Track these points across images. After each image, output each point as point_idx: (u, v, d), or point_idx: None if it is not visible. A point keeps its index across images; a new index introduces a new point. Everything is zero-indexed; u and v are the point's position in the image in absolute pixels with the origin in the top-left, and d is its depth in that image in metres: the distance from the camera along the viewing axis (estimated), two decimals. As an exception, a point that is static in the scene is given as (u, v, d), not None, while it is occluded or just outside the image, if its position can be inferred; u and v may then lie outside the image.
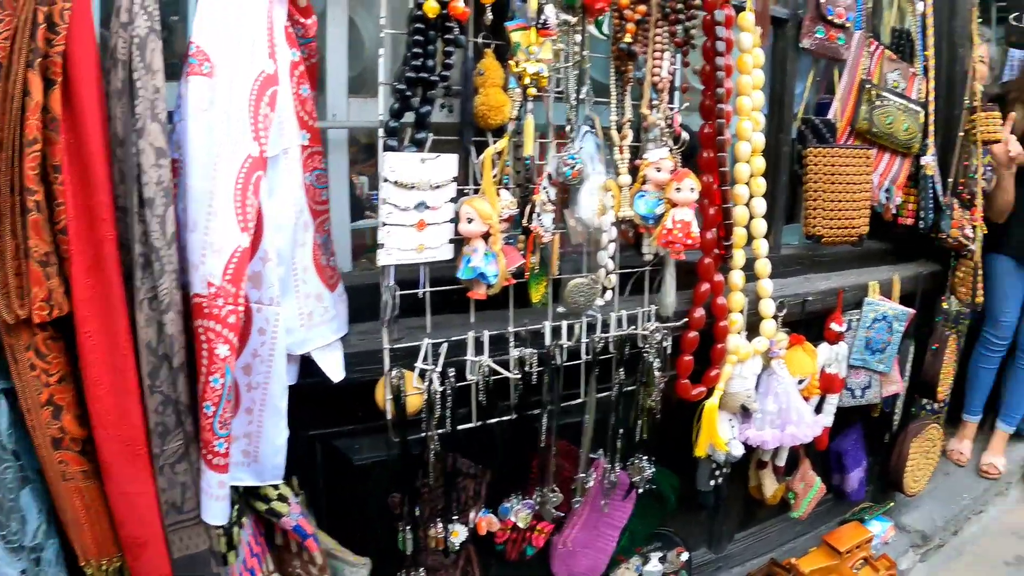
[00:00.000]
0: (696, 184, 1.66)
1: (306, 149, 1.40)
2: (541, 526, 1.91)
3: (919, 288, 2.80)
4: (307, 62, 1.40)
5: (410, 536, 1.64)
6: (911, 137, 2.47)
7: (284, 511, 1.46)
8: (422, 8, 1.37)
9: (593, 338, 1.70)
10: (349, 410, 1.62)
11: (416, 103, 1.43)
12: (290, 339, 1.38)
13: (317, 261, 1.45)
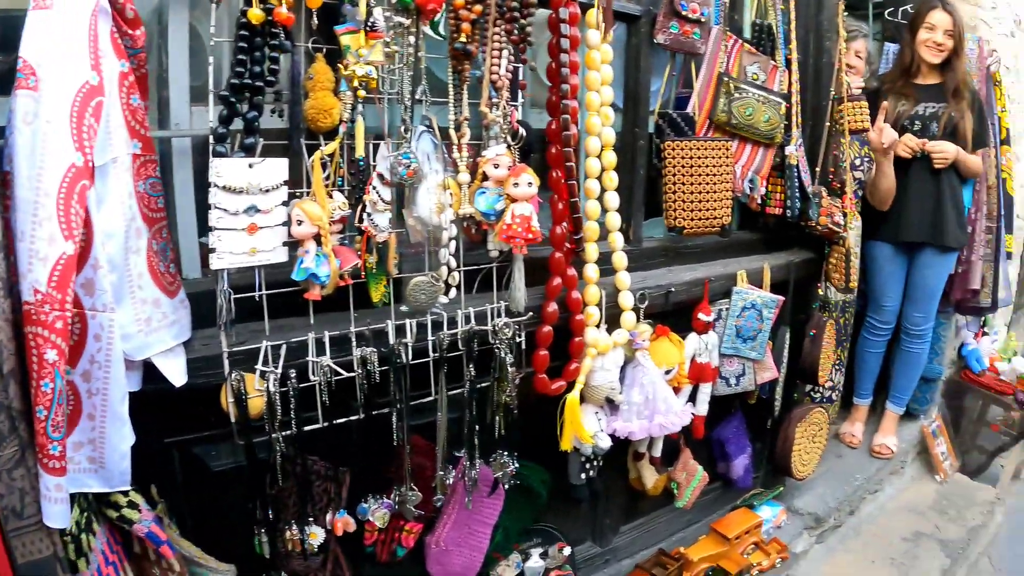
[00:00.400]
0: (534, 179, 1.70)
1: (138, 158, 1.41)
2: (409, 526, 1.93)
3: (791, 276, 2.89)
4: (137, 72, 1.41)
5: (266, 540, 1.66)
6: (773, 128, 2.55)
7: (135, 518, 1.46)
8: (247, 15, 1.40)
9: (439, 335, 1.72)
10: (202, 416, 1.62)
11: (244, 109, 1.46)
12: (128, 345, 1.39)
13: (153, 267, 1.46)
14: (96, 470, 1.38)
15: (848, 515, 3.69)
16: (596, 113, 1.97)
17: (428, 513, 1.97)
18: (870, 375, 3.99)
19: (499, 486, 2.04)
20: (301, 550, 1.71)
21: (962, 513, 3.99)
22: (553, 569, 2.35)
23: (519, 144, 1.76)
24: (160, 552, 1.51)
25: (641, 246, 2.42)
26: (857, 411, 4.08)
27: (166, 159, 1.62)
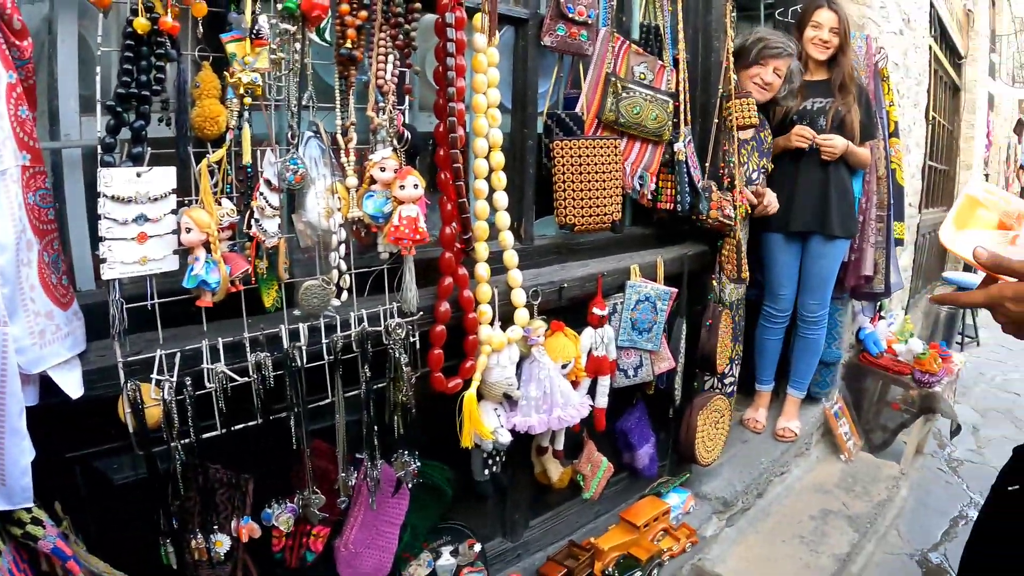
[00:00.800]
0: (420, 181, 1.77)
1: (28, 170, 1.42)
2: (316, 530, 1.97)
3: (685, 269, 3.02)
4: (25, 83, 1.42)
5: (171, 550, 1.68)
6: (661, 125, 2.67)
7: (40, 534, 1.47)
8: (133, 25, 1.42)
9: (333, 338, 1.77)
10: (102, 429, 1.63)
11: (131, 118, 1.48)
12: (23, 358, 1.39)
13: (45, 280, 1.46)
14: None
15: (756, 498, 3.85)
16: (483, 115, 2.05)
17: (334, 516, 2.00)
18: (770, 361, 4.18)
19: (402, 485, 2.08)
20: (208, 559, 1.72)
21: (868, 489, 4.20)
22: (465, 566, 2.41)
23: (405, 147, 1.82)
24: (67, 568, 1.52)
25: (533, 244, 2.50)
26: (760, 397, 4.27)
27: (57, 170, 1.63)
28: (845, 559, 3.55)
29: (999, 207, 1.52)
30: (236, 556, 1.83)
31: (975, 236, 1.46)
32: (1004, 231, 1.48)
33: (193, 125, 1.55)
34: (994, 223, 1.52)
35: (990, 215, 1.53)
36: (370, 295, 1.94)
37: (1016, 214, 1.50)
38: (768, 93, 3.48)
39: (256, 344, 1.69)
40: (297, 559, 1.98)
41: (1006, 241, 1.46)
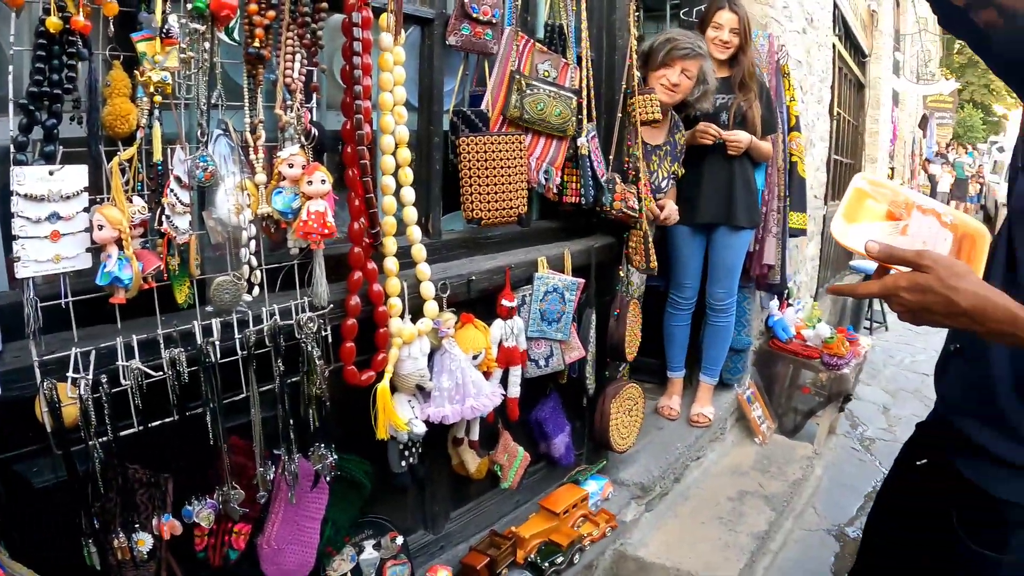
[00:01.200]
0: (327, 176, 1.84)
1: None
2: (238, 527, 2.01)
3: (593, 260, 3.14)
4: None
5: (94, 550, 1.70)
6: (565, 121, 2.78)
7: None
8: (45, 24, 1.46)
9: (246, 333, 1.82)
10: (20, 431, 1.65)
11: (43, 117, 1.51)
12: None
13: None
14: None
15: (674, 482, 4.00)
16: (389, 113, 2.13)
17: (255, 513, 2.05)
18: (680, 349, 4.35)
19: (320, 479, 2.14)
20: (131, 558, 1.76)
21: (783, 470, 4.39)
22: (388, 559, 2.46)
23: (312, 144, 1.88)
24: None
25: (442, 238, 2.58)
26: (672, 384, 4.43)
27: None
28: (764, 536, 3.73)
29: (887, 197, 1.58)
30: (159, 556, 1.85)
31: (866, 229, 1.50)
32: (894, 221, 1.53)
33: (104, 124, 1.59)
34: (883, 214, 1.57)
35: (879, 206, 1.58)
36: (281, 290, 2.00)
37: (904, 203, 1.57)
38: (675, 95, 3.62)
39: (170, 341, 1.73)
40: (220, 557, 2.01)
41: (896, 231, 1.52)
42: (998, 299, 1.29)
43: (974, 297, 1.28)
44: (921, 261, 1.31)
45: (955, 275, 1.29)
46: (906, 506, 1.86)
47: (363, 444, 2.29)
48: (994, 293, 1.30)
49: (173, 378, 1.72)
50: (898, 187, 1.61)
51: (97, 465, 1.64)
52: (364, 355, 2.17)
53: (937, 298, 1.29)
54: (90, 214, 1.57)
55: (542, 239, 3.04)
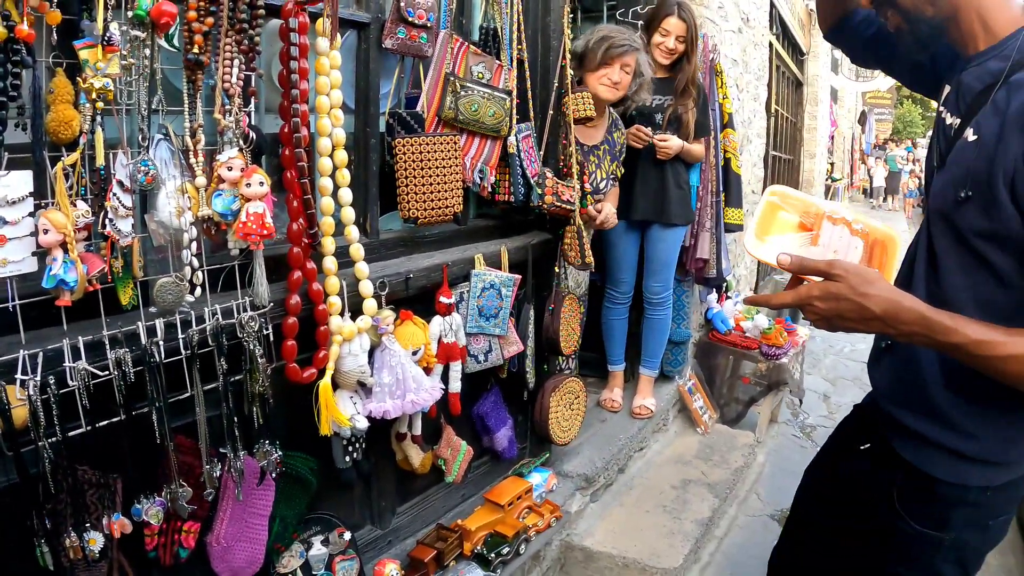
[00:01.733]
0: (264, 178, 1.91)
1: None
2: (188, 526, 2.07)
3: (530, 256, 3.24)
4: None
5: (47, 550, 1.74)
6: (499, 121, 2.89)
7: None
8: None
9: (189, 333, 1.89)
10: None
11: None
12: None
13: None
14: None
15: (618, 473, 4.12)
16: (326, 115, 2.20)
17: (204, 512, 2.11)
18: (619, 342, 4.49)
19: (266, 475, 2.21)
20: (83, 557, 1.80)
21: (725, 458, 4.55)
22: (337, 555, 2.53)
23: (250, 147, 1.95)
24: None
25: (380, 238, 2.65)
26: (614, 377, 4.56)
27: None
28: (708, 523, 3.88)
29: (798, 208, 1.65)
30: (111, 556, 1.91)
31: (778, 241, 1.58)
32: (805, 232, 1.60)
33: (48, 130, 1.63)
34: (795, 225, 1.64)
35: (791, 217, 1.65)
36: (223, 291, 2.06)
37: (815, 213, 1.64)
38: (618, 92, 3.72)
39: (116, 342, 1.79)
40: (171, 556, 2.07)
41: (807, 242, 1.58)
42: (908, 303, 1.39)
43: (885, 302, 1.37)
44: (832, 271, 1.39)
45: (866, 282, 1.38)
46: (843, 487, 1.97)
47: (308, 441, 2.36)
48: (904, 297, 1.40)
49: (119, 378, 1.79)
50: (809, 198, 1.68)
51: (47, 466, 1.70)
52: (306, 353, 2.25)
53: (850, 305, 1.38)
54: (35, 219, 1.62)
55: (480, 237, 3.14)
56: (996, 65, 1.56)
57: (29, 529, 1.75)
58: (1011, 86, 1.50)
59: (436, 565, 2.87)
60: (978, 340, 1.39)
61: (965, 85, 1.63)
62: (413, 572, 2.80)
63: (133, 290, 1.84)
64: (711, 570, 3.83)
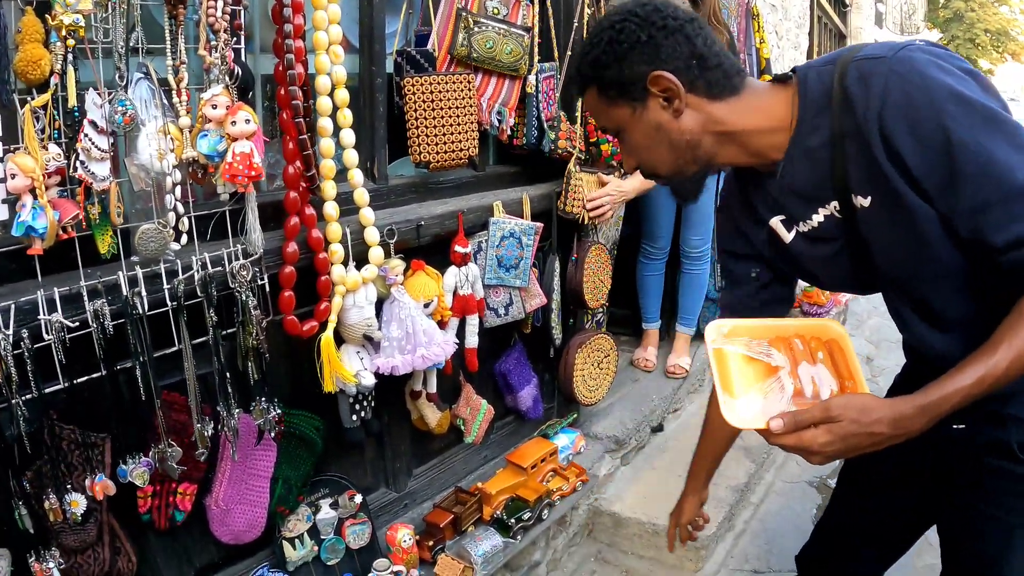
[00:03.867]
0: (251, 116, 1.82)
1: None
2: (183, 488, 2.04)
3: (554, 204, 3.14)
4: None
5: (25, 511, 1.71)
6: (516, 59, 2.77)
7: None
8: None
9: (175, 283, 1.82)
10: None
11: None
12: None
13: None
14: None
15: (651, 435, 4.02)
16: (325, 52, 2.11)
17: (198, 473, 2.07)
18: (654, 299, 4.38)
19: (264, 435, 2.16)
20: (64, 519, 1.77)
21: (764, 420, 4.40)
22: (347, 518, 2.49)
23: (236, 84, 1.87)
24: None
25: (389, 183, 2.57)
26: (648, 336, 4.46)
27: None
28: (743, 489, 3.78)
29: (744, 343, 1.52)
30: (99, 519, 1.87)
31: (752, 402, 1.46)
32: (773, 377, 1.48)
33: (16, 70, 1.58)
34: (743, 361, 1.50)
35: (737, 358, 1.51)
36: (213, 239, 1.99)
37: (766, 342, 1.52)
38: None
39: (95, 293, 1.73)
40: (166, 519, 2.04)
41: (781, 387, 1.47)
42: (906, 408, 1.36)
43: (891, 421, 1.34)
44: (830, 414, 1.35)
45: (865, 411, 1.35)
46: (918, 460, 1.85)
47: (313, 400, 2.31)
48: (902, 404, 1.36)
49: (98, 332, 1.73)
50: (744, 323, 1.56)
51: (22, 425, 1.65)
52: (308, 306, 2.18)
53: (860, 439, 1.35)
54: (3, 163, 1.57)
55: (500, 184, 3.04)
56: (821, 129, 1.47)
57: (6, 490, 1.71)
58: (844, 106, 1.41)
59: (453, 530, 2.81)
60: (977, 379, 1.35)
61: (801, 183, 1.54)
62: (428, 537, 2.73)
63: (112, 238, 1.78)
64: (746, 537, 3.73)
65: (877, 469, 1.98)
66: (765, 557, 3.56)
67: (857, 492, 2.07)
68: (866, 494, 2.03)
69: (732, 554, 3.59)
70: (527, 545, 3.00)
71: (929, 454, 1.80)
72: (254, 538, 2.28)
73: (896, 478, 1.93)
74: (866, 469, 2.02)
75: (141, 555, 2.02)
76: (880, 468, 1.96)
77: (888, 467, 1.92)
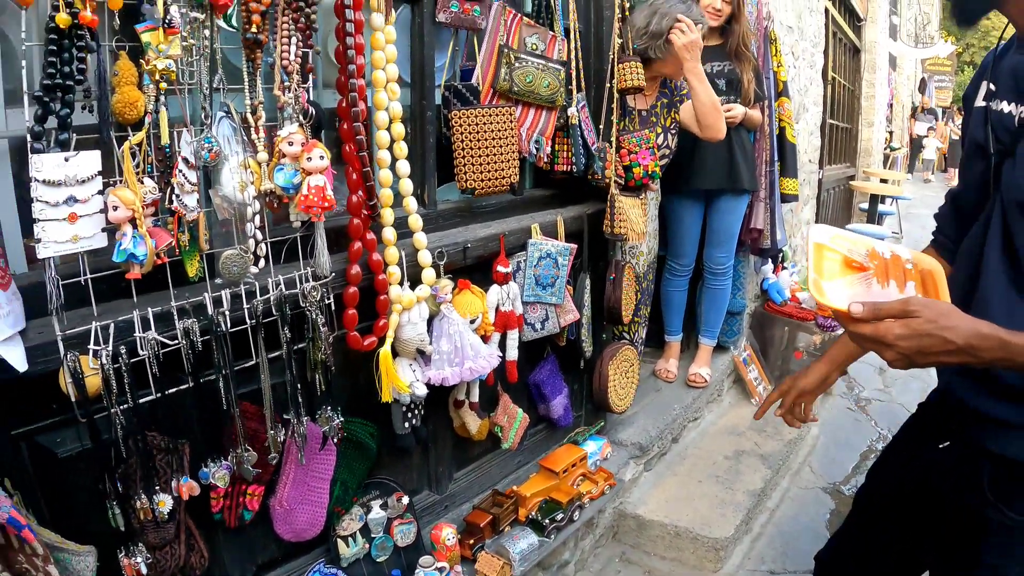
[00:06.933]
0: (325, 152, 1.95)
1: None
2: (252, 489, 2.14)
3: (586, 226, 3.26)
4: None
5: (118, 511, 1.82)
6: (553, 92, 2.89)
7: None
8: (55, 20, 1.55)
9: (254, 303, 1.94)
10: (45, 404, 1.76)
11: (56, 107, 1.61)
12: None
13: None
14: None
15: (672, 442, 4.14)
16: (383, 89, 2.24)
17: (267, 475, 2.18)
18: (677, 313, 4.48)
19: (328, 441, 2.27)
20: (153, 518, 1.88)
21: (779, 430, 4.50)
22: (395, 518, 2.60)
23: (310, 122, 1.99)
24: (23, 536, 1.61)
25: (437, 208, 2.69)
26: (670, 348, 4.56)
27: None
28: (760, 494, 3.88)
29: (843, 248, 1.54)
30: (178, 518, 1.98)
31: (840, 286, 1.47)
32: (861, 271, 1.50)
33: (114, 111, 1.69)
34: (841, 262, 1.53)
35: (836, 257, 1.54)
36: (286, 262, 2.11)
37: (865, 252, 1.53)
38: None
39: (183, 312, 1.85)
40: (235, 518, 2.15)
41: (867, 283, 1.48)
42: (988, 330, 1.36)
43: (967, 332, 1.34)
44: (909, 308, 1.36)
45: (944, 315, 1.36)
46: (920, 487, 1.90)
47: (368, 408, 2.43)
48: (983, 324, 1.37)
49: (187, 347, 1.85)
50: (854, 235, 1.59)
51: (119, 431, 1.77)
52: (367, 322, 2.30)
53: (933, 340, 1.35)
54: (104, 196, 1.68)
55: (536, 207, 3.16)
56: None
57: (99, 493, 1.82)
58: None
59: (491, 530, 2.93)
60: None
61: (1021, 69, 1.56)
62: (469, 536, 2.85)
63: (199, 263, 1.90)
64: (762, 541, 3.83)
65: (883, 491, 2.07)
66: (781, 559, 3.66)
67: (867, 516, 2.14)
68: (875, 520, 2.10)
69: (749, 556, 3.69)
70: (558, 545, 3.09)
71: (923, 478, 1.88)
72: (314, 536, 2.39)
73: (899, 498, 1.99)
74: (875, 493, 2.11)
75: (210, 552, 2.11)
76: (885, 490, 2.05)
77: (893, 487, 2.01)
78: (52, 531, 1.73)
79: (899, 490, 1.98)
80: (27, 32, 1.61)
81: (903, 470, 1.99)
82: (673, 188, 4.15)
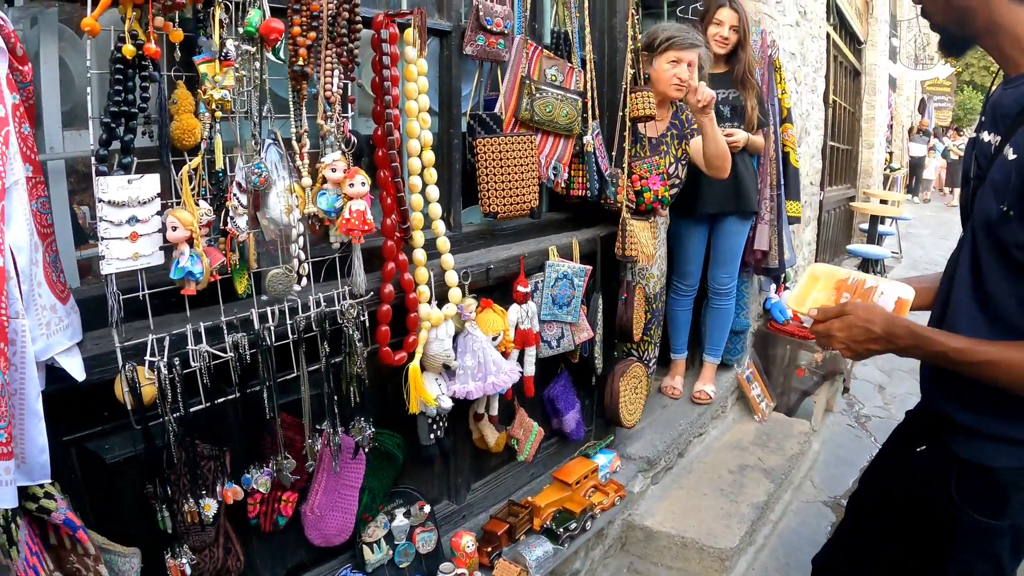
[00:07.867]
0: (366, 179, 2.07)
1: (30, 180, 1.62)
2: (286, 496, 2.24)
3: (599, 248, 3.40)
4: (26, 103, 1.63)
5: (167, 514, 1.91)
6: (571, 121, 3.02)
7: (52, 507, 1.64)
8: (121, 51, 1.66)
9: (296, 319, 2.06)
10: (96, 412, 1.85)
11: (120, 132, 1.71)
12: (35, 347, 1.59)
13: (48, 277, 1.67)
14: (19, 466, 1.54)
15: (678, 457, 4.23)
16: (415, 119, 2.36)
17: (302, 482, 2.28)
18: (682, 332, 4.59)
19: (359, 450, 2.38)
20: (198, 521, 1.98)
21: (781, 445, 4.61)
22: (417, 526, 2.71)
23: (351, 150, 2.11)
24: (77, 537, 1.70)
25: (462, 231, 2.81)
26: (675, 365, 4.66)
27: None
28: (763, 507, 3.97)
29: (834, 278, 2.00)
30: (219, 522, 2.08)
31: (811, 302, 1.94)
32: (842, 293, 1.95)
33: (173, 137, 1.79)
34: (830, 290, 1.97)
35: (835, 277, 2.01)
36: (324, 281, 2.23)
37: (855, 285, 1.96)
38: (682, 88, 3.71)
39: (232, 327, 1.96)
40: (270, 523, 2.25)
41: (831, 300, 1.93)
42: (901, 322, 1.72)
43: (883, 323, 1.71)
44: (845, 309, 1.76)
45: (868, 310, 1.74)
46: (902, 490, 2.03)
47: (396, 419, 2.54)
48: (897, 318, 1.73)
49: (235, 360, 1.96)
50: (848, 271, 2.05)
51: (172, 438, 1.87)
52: (397, 338, 2.41)
53: (859, 331, 1.73)
54: (163, 217, 1.79)
55: (552, 230, 3.28)
56: None
57: (146, 498, 1.92)
58: None
59: (508, 538, 3.03)
60: (958, 348, 1.64)
61: (1002, 106, 1.71)
62: (487, 544, 2.95)
63: (248, 280, 2.01)
64: (766, 552, 3.92)
65: (873, 495, 2.19)
66: (783, 569, 3.76)
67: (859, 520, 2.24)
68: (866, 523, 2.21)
69: (753, 566, 3.78)
70: (571, 554, 3.19)
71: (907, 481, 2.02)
72: (342, 542, 2.49)
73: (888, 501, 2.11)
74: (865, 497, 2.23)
75: (244, 556, 2.21)
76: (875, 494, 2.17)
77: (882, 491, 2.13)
78: (97, 533, 1.82)
79: (888, 494, 2.11)
80: (91, 60, 1.71)
81: (891, 475, 2.11)
82: (679, 211, 4.27)
